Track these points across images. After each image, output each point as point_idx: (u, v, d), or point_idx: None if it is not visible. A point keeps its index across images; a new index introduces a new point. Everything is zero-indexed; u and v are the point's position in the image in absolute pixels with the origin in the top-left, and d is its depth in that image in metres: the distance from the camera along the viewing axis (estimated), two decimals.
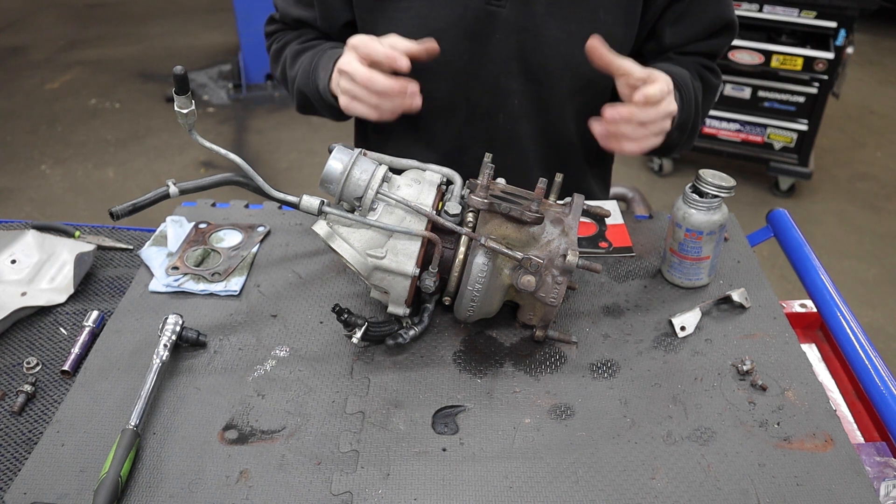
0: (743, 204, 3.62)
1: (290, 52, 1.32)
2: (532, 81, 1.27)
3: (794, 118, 3.59)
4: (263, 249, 1.27)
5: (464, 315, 1.05)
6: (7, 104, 4.56)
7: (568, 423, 0.97)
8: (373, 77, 1.06)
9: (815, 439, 0.95)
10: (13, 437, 0.98)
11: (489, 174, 1.00)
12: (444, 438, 0.95)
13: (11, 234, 1.26)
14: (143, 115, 4.45)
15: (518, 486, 0.89)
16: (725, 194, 1.12)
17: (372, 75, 1.06)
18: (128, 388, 1.00)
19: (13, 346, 1.12)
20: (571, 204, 1.06)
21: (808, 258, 1.27)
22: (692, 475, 0.91)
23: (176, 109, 0.98)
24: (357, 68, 1.07)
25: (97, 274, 1.26)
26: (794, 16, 3.34)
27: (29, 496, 0.88)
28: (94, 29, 5.61)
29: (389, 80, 1.06)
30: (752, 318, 1.14)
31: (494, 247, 0.98)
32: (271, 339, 1.10)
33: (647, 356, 1.07)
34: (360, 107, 1.11)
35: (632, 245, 1.28)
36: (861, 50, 4.90)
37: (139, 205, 1.04)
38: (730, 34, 1.31)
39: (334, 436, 0.95)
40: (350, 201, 1.02)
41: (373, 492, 0.88)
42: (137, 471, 0.90)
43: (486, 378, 1.04)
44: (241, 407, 0.99)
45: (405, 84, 1.07)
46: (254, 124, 4.36)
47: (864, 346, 1.11)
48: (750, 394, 1.01)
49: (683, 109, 1.19)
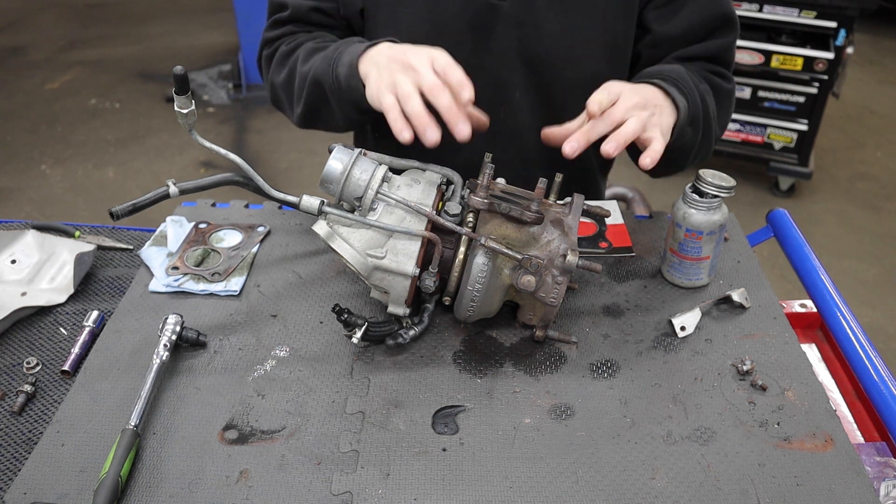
0: (743, 204, 3.61)
1: (304, 50, 1.26)
2: (533, 75, 1.27)
3: (794, 118, 3.59)
4: (263, 249, 1.27)
5: (464, 315, 1.05)
6: (7, 104, 4.56)
7: (568, 423, 0.97)
8: (441, 89, 0.98)
9: (815, 439, 0.95)
10: (13, 437, 0.98)
11: (489, 174, 1.00)
12: (444, 438, 0.95)
13: (11, 234, 1.26)
14: (143, 115, 4.45)
15: (518, 486, 0.89)
16: (725, 194, 1.12)
17: (442, 86, 0.98)
18: (128, 388, 1.00)
19: (13, 346, 1.12)
20: (571, 204, 1.06)
21: (808, 258, 1.27)
22: (692, 475, 0.91)
23: (176, 109, 0.97)
24: (429, 71, 0.99)
25: (97, 274, 1.26)
26: (794, 16, 3.34)
27: (29, 496, 0.88)
28: (94, 29, 5.61)
29: (454, 102, 0.98)
30: (752, 318, 1.14)
31: (494, 247, 0.98)
32: (271, 339, 1.10)
33: (647, 356, 1.07)
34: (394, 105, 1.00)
35: (632, 245, 1.28)
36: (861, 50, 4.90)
37: (139, 205, 1.04)
38: (729, 31, 1.28)
39: (334, 436, 0.95)
40: (350, 201, 1.02)
41: (373, 492, 0.88)
42: (137, 471, 0.90)
43: (486, 378, 1.04)
44: (241, 407, 0.99)
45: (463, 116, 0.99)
46: (254, 124, 4.36)
47: (864, 346, 1.11)
48: (750, 394, 1.01)
49: (689, 103, 1.14)
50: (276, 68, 1.31)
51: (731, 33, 1.29)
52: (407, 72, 1.01)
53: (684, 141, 1.15)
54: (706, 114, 1.21)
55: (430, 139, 0.98)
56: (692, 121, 1.16)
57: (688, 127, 1.15)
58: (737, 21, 1.29)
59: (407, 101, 0.99)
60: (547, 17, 1.21)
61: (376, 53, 1.07)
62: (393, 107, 1.00)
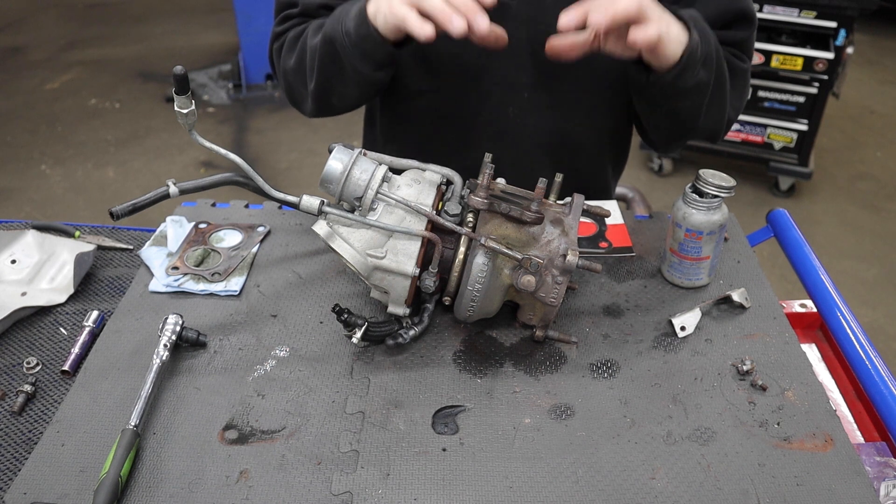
0: (743, 204, 3.62)
1: (312, 27, 1.25)
2: (542, 74, 1.27)
3: (794, 118, 3.59)
4: (263, 249, 1.27)
5: (464, 315, 1.05)
6: (7, 104, 4.56)
7: (568, 423, 0.97)
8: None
9: (815, 439, 0.95)
10: (13, 437, 0.98)
11: (489, 174, 1.00)
12: (444, 438, 0.95)
13: (11, 234, 1.26)
14: (143, 115, 4.45)
15: (518, 486, 0.89)
16: (725, 194, 1.12)
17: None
18: (128, 388, 1.00)
19: (13, 346, 1.12)
20: (571, 204, 1.06)
21: (808, 258, 1.27)
22: (692, 475, 0.91)
23: (176, 109, 0.97)
24: None
25: (97, 274, 1.26)
26: (794, 16, 3.34)
27: (29, 496, 0.88)
28: (94, 29, 5.61)
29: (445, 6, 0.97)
30: (752, 318, 1.14)
31: (494, 247, 0.98)
32: (271, 339, 1.10)
33: (647, 356, 1.07)
34: (409, 11, 0.99)
35: (632, 245, 1.28)
36: (861, 50, 4.90)
37: (139, 205, 1.04)
38: (747, 27, 1.25)
39: (334, 436, 0.95)
40: (350, 201, 1.02)
41: (373, 492, 0.88)
42: (137, 471, 0.90)
43: (486, 378, 1.04)
44: (241, 407, 0.99)
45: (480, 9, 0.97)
46: (254, 124, 4.36)
47: (864, 346, 1.11)
48: (750, 394, 1.01)
49: (702, 40, 1.08)
50: (287, 54, 1.31)
51: (748, 28, 1.26)
52: None
53: (697, 81, 1.10)
54: (719, 62, 1.16)
55: (457, 25, 0.96)
56: (705, 59, 1.10)
57: (700, 67, 1.09)
58: (755, 17, 1.26)
59: (423, 1, 0.98)
60: (556, 15, 1.20)
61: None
62: (408, 12, 0.99)
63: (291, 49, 1.29)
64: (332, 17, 1.17)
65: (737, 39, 1.26)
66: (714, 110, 1.21)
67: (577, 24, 0.99)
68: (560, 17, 0.98)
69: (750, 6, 1.25)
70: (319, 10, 1.30)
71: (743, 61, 1.27)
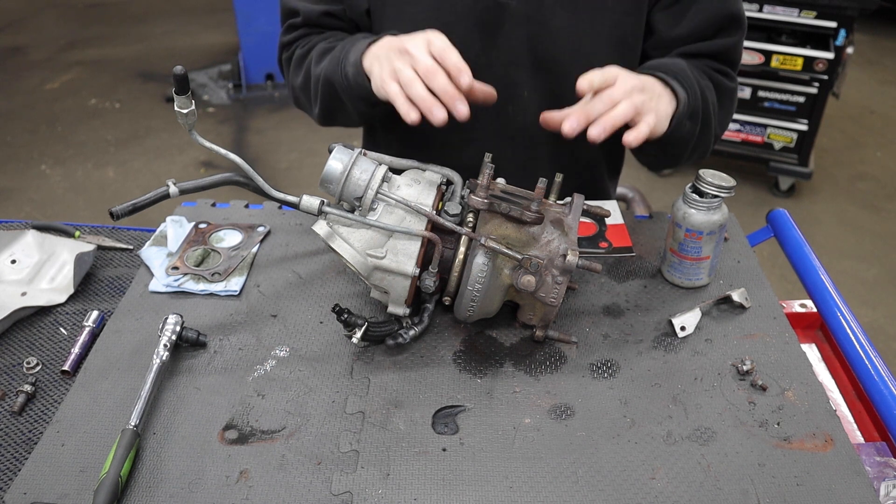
0: (743, 204, 3.61)
1: (317, 51, 1.28)
2: (541, 73, 1.27)
3: (794, 118, 3.59)
4: (263, 249, 1.27)
5: (464, 315, 1.05)
6: (7, 104, 4.56)
7: (568, 423, 0.97)
8: (436, 71, 1.00)
9: (815, 439, 0.95)
10: (13, 437, 0.98)
11: (489, 174, 1.00)
12: (444, 438, 0.95)
13: (11, 234, 1.26)
14: (143, 115, 4.45)
15: (518, 486, 0.89)
16: (725, 194, 1.12)
17: (437, 69, 1.00)
18: (128, 388, 1.00)
19: (13, 346, 1.12)
20: (571, 204, 1.06)
21: (808, 258, 1.27)
22: (692, 475, 0.91)
23: (176, 109, 0.98)
24: (424, 55, 1.01)
25: (97, 274, 1.26)
26: (794, 16, 3.34)
27: (29, 496, 0.88)
28: (94, 29, 5.61)
29: (450, 83, 1.00)
30: (752, 318, 1.14)
31: (494, 247, 0.98)
32: (271, 339, 1.10)
33: (647, 356, 1.07)
34: (399, 93, 1.02)
35: (632, 245, 1.28)
36: (861, 50, 4.90)
37: (139, 205, 1.04)
38: (736, 30, 1.27)
39: (334, 436, 0.95)
40: (350, 201, 1.03)
41: (373, 492, 0.88)
42: (137, 471, 0.90)
43: (486, 378, 1.04)
44: (241, 407, 0.99)
45: (460, 96, 1.00)
46: (254, 124, 4.36)
47: (864, 346, 1.11)
48: (750, 394, 1.01)
49: (688, 95, 1.13)
50: (294, 71, 1.34)
51: (737, 32, 1.28)
52: (404, 57, 1.03)
53: (683, 133, 1.14)
54: (706, 108, 1.21)
55: (437, 117, 1.00)
56: (692, 114, 1.15)
57: (687, 120, 1.14)
58: (744, 20, 1.28)
59: (410, 86, 1.01)
60: (555, 14, 1.21)
61: (377, 47, 1.10)
62: (398, 94, 1.02)
63: (298, 68, 1.33)
64: (332, 57, 1.21)
65: (727, 46, 1.28)
66: (701, 144, 1.25)
67: (580, 130, 1.02)
68: (563, 124, 1.02)
69: (741, 10, 1.27)
70: (321, 17, 1.33)
71: (731, 79, 1.30)
